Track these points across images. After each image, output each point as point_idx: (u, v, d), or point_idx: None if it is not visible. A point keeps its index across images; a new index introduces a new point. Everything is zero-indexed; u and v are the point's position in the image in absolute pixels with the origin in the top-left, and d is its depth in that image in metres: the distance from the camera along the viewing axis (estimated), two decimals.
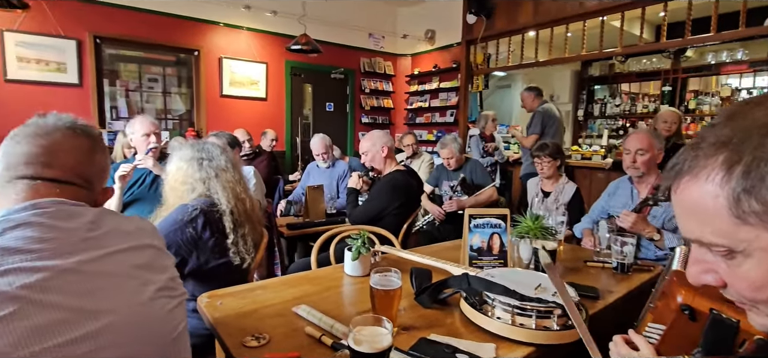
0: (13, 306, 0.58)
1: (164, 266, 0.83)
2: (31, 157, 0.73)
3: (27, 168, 0.72)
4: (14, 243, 0.63)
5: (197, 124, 5.08)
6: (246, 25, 5.11)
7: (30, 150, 0.73)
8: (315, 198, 2.79)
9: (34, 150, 0.73)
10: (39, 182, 0.72)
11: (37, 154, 0.73)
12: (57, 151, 0.75)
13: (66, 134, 0.78)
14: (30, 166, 0.73)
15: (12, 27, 3.77)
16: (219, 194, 1.40)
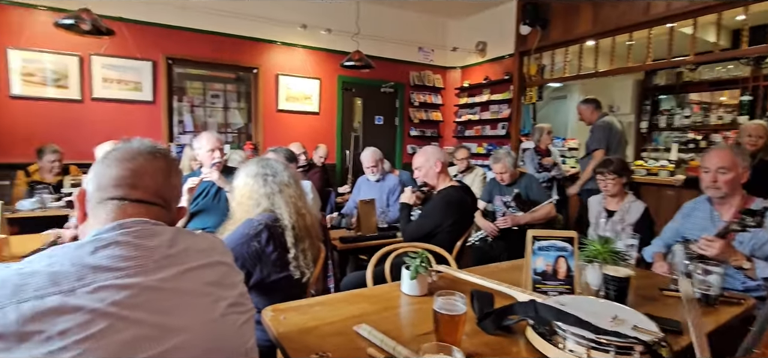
0: (106, 322, 0.62)
1: (234, 283, 0.86)
2: (120, 179, 0.78)
3: (116, 190, 0.77)
4: (105, 261, 0.67)
5: (254, 138, 5.33)
6: (301, 43, 5.33)
7: (119, 173, 0.78)
8: (367, 212, 2.82)
9: (122, 173, 0.78)
10: (126, 203, 0.77)
11: (125, 176, 0.78)
12: (142, 174, 0.80)
13: (148, 158, 0.83)
14: (119, 188, 0.77)
15: (99, 51, 4.20)
16: (282, 210, 1.46)
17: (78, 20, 2.88)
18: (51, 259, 0.65)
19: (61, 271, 0.63)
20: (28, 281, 0.61)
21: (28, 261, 0.66)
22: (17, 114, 3.98)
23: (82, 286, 0.63)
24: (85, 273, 0.64)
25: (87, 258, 0.66)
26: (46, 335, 0.58)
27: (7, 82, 3.90)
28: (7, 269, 0.63)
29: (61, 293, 0.61)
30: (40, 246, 1.96)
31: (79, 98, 4.20)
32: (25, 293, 0.60)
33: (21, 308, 0.59)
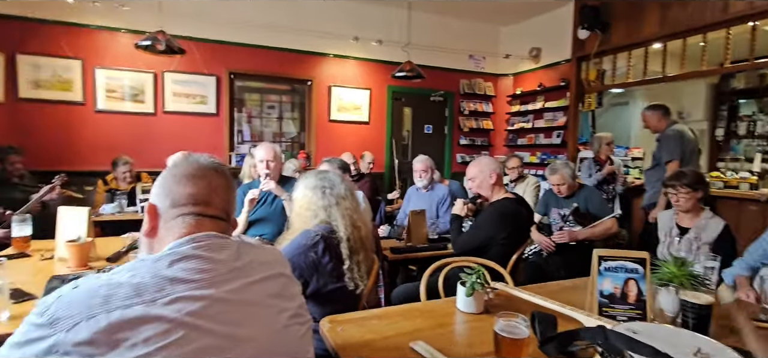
0: (182, 331, 0.66)
1: (294, 294, 0.89)
2: (193, 197, 0.81)
3: (190, 207, 0.81)
4: (180, 273, 0.71)
5: (307, 147, 5.52)
6: (353, 55, 5.46)
7: (192, 191, 0.82)
8: (417, 223, 2.81)
9: (195, 191, 0.82)
10: (200, 218, 0.81)
11: (198, 194, 0.82)
12: (212, 191, 0.84)
13: (216, 175, 0.86)
14: (193, 205, 0.81)
15: (170, 68, 4.57)
16: (338, 222, 1.49)
17: (154, 41, 3.16)
18: (133, 271, 0.70)
19: (143, 282, 0.68)
20: (115, 291, 0.66)
21: (114, 272, 0.71)
22: (100, 126, 4.42)
23: (161, 297, 0.67)
24: (164, 285, 0.69)
25: (164, 270, 0.70)
26: (131, 342, 0.63)
27: (93, 97, 4.35)
28: (98, 279, 0.69)
29: (143, 303, 0.65)
30: (120, 248, 2.16)
31: (152, 111, 4.58)
32: (113, 302, 0.64)
33: (110, 316, 0.63)
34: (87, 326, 0.62)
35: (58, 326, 0.62)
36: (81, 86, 4.29)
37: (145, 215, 0.83)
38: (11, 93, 4.03)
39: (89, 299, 0.64)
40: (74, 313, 0.63)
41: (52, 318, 0.62)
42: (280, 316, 0.81)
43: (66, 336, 0.61)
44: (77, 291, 0.66)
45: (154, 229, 0.82)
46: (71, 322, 0.62)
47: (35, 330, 0.63)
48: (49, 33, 4.13)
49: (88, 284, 0.67)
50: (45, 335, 0.62)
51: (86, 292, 0.65)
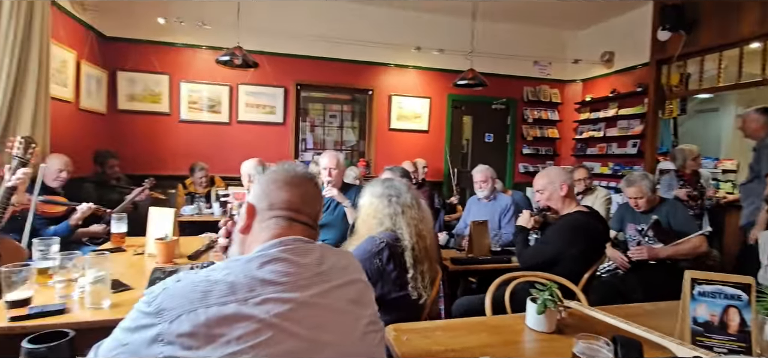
0: (271, 332, 0.69)
1: (370, 300, 0.90)
2: (290, 203, 0.87)
3: (285, 211, 0.86)
4: (269, 275, 0.74)
5: (367, 155, 5.62)
6: (413, 64, 5.50)
7: (289, 197, 0.87)
8: (480, 233, 2.74)
9: (292, 197, 0.87)
10: (291, 222, 0.86)
11: (294, 201, 0.87)
12: (307, 199, 0.89)
13: (309, 185, 0.92)
14: (290, 211, 0.86)
15: (244, 81, 4.92)
16: (403, 230, 1.50)
17: (232, 56, 3.42)
18: (228, 269, 0.74)
19: (236, 282, 0.71)
20: (213, 288, 0.69)
21: (211, 269, 0.76)
22: (182, 135, 4.84)
23: (253, 297, 0.70)
24: (255, 285, 0.72)
25: (255, 271, 0.74)
26: (226, 339, 0.66)
27: (178, 108, 4.79)
28: (197, 274, 0.73)
29: (236, 302, 0.69)
30: (199, 247, 2.34)
31: (227, 121, 4.95)
32: (210, 299, 0.68)
33: (208, 312, 0.67)
34: (188, 319, 0.66)
35: (163, 316, 0.66)
36: (168, 99, 4.75)
37: (243, 213, 0.88)
38: (111, 105, 4.56)
39: (190, 294, 0.68)
40: (177, 305, 0.67)
41: (159, 308, 0.67)
42: (359, 323, 0.82)
43: (170, 326, 0.65)
44: (179, 285, 0.70)
45: (249, 227, 0.87)
46: (175, 313, 0.66)
47: (143, 317, 0.68)
48: (143, 51, 4.63)
49: (189, 279, 0.72)
50: (151, 323, 0.67)
51: (187, 286, 0.70)
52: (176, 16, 4.48)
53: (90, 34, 4.13)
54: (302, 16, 5.00)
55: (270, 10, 4.85)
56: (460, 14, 5.16)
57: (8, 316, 1.34)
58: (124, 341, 0.69)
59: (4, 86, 2.54)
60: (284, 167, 0.94)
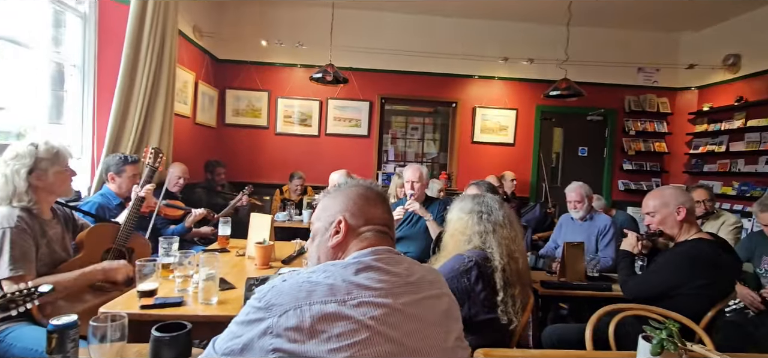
0: (367, 333, 0.73)
1: (458, 317, 0.92)
2: (381, 218, 0.94)
3: (377, 225, 0.93)
4: (364, 281, 0.79)
5: (449, 168, 5.55)
6: (500, 75, 5.32)
7: (380, 214, 0.94)
8: (574, 256, 2.52)
9: (382, 214, 0.95)
10: (382, 235, 0.92)
11: (383, 216, 0.95)
12: (389, 216, 0.97)
13: (386, 205, 0.99)
14: (380, 224, 0.93)
15: (333, 96, 5.20)
16: (494, 249, 1.43)
17: (325, 73, 3.64)
18: (326, 273, 0.80)
19: (336, 284, 0.77)
20: (315, 288, 0.76)
21: (311, 271, 0.82)
22: (277, 146, 5.26)
23: (350, 299, 0.75)
24: (352, 289, 0.77)
25: (352, 277, 0.79)
26: (327, 335, 0.71)
27: (275, 122, 5.22)
28: (300, 276, 0.80)
29: (336, 302, 0.74)
30: (291, 252, 2.50)
31: (316, 134, 5.26)
32: (313, 298, 0.74)
33: (311, 309, 0.73)
34: (294, 315, 0.72)
35: (272, 310, 0.73)
36: (266, 113, 5.20)
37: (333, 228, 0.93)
38: (220, 119, 5.13)
39: (296, 292, 0.75)
40: (284, 302, 0.74)
41: (268, 303, 0.75)
42: (449, 336, 0.84)
43: (278, 320, 0.72)
44: (286, 284, 0.77)
45: (345, 241, 0.92)
46: (282, 309, 0.73)
47: (255, 312, 0.75)
48: (247, 71, 5.14)
49: (294, 279, 0.79)
50: (262, 317, 0.74)
51: (293, 286, 0.77)
52: (277, 39, 4.91)
53: (206, 58, 4.71)
54: (389, 32, 5.14)
55: (359, 28, 5.08)
56: (552, 21, 4.90)
57: (139, 304, 1.56)
58: (238, 334, 0.76)
59: (140, 105, 3.00)
60: (368, 185, 1.00)
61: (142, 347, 1.19)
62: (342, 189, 0.99)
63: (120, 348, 1.06)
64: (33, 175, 1.72)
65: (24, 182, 1.70)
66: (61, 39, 2.92)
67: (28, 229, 1.69)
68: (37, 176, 1.73)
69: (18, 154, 1.72)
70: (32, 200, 1.73)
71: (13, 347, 1.57)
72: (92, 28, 2.99)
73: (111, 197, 2.54)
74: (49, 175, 1.75)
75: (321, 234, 0.95)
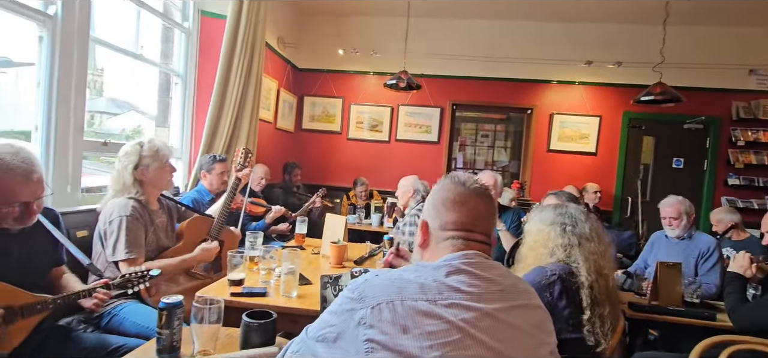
0: (459, 334, 0.72)
1: (551, 331, 0.87)
2: (460, 223, 0.89)
3: (459, 232, 0.89)
4: (455, 283, 0.78)
5: (521, 177, 5.32)
6: (581, 80, 5.00)
7: (459, 218, 0.90)
8: (669, 278, 2.27)
9: (463, 218, 0.90)
10: (467, 241, 0.89)
11: (464, 221, 0.90)
12: (478, 218, 0.91)
13: (481, 201, 0.92)
14: (461, 230, 0.89)
15: (404, 102, 5.26)
16: (579, 264, 1.34)
17: (398, 80, 3.69)
18: (418, 272, 0.80)
19: (426, 283, 0.77)
20: (406, 285, 0.77)
21: (402, 270, 0.84)
22: (348, 151, 5.43)
23: (442, 299, 0.75)
24: (443, 289, 0.76)
25: (442, 278, 0.79)
26: (419, 332, 0.71)
27: (347, 128, 5.41)
28: (391, 273, 0.82)
29: (427, 301, 0.74)
30: (363, 254, 2.56)
31: (386, 140, 5.35)
32: (405, 294, 0.75)
33: (404, 304, 0.74)
34: (387, 308, 0.73)
35: (365, 302, 0.75)
36: (340, 119, 5.41)
37: (418, 229, 0.95)
38: (298, 125, 5.44)
39: (388, 287, 0.76)
40: (377, 295, 0.75)
41: (361, 295, 0.77)
42: (541, 348, 0.81)
43: (372, 312, 0.74)
44: (378, 279, 0.79)
45: (426, 242, 0.93)
46: (375, 301, 0.75)
47: (349, 303, 0.78)
48: (323, 79, 5.39)
49: (386, 275, 0.81)
50: (355, 308, 0.76)
51: (385, 281, 0.78)
52: (353, 48, 5.10)
53: (287, 67, 5.03)
54: (462, 37, 5.09)
55: (432, 35, 5.09)
56: (645, 21, 4.49)
57: (229, 292, 1.70)
58: (331, 323, 0.80)
59: (231, 110, 3.28)
60: (454, 182, 0.95)
61: (231, 331, 1.29)
62: (434, 189, 0.98)
63: (216, 330, 1.16)
64: (137, 171, 1.97)
65: (130, 176, 1.95)
66: (169, 52, 3.31)
67: (140, 218, 1.92)
68: (140, 171, 1.97)
69: (127, 153, 1.98)
70: (139, 192, 1.97)
71: (126, 320, 1.79)
72: (194, 42, 3.35)
73: (204, 193, 2.80)
74: (151, 170, 1.98)
75: (417, 233, 0.97)
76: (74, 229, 2.09)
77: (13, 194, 1.30)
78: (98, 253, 1.88)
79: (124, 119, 3.53)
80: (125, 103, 3.62)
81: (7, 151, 1.30)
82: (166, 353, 1.11)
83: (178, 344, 1.14)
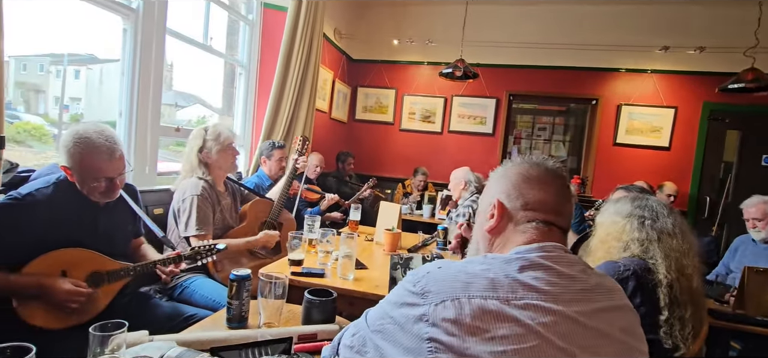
0: (536, 341, 0.63)
1: (642, 336, 0.76)
2: (547, 204, 0.79)
3: (545, 214, 0.79)
4: (530, 281, 0.68)
5: (583, 172, 5.02)
6: (654, 68, 4.60)
7: (546, 198, 0.79)
8: (758, 285, 2.04)
9: (549, 198, 0.79)
10: (550, 227, 0.78)
11: (551, 202, 0.79)
12: (560, 201, 0.80)
13: (563, 183, 0.83)
14: (548, 213, 0.79)
15: (458, 93, 5.14)
16: (658, 261, 1.23)
17: (455, 69, 3.62)
18: (484, 265, 0.70)
19: (497, 279, 0.67)
20: (473, 280, 0.67)
21: (467, 261, 0.74)
22: (400, 142, 5.42)
23: (515, 299, 0.65)
24: (516, 288, 0.67)
25: (515, 274, 0.68)
26: (490, 335, 0.62)
27: (399, 119, 5.40)
28: (455, 264, 0.72)
29: (498, 300, 0.65)
30: (416, 243, 2.55)
31: (439, 131, 5.27)
32: (472, 290, 0.66)
33: (471, 302, 0.65)
34: (452, 306, 0.65)
35: (428, 297, 0.67)
36: (392, 110, 5.41)
37: (487, 212, 0.84)
38: (351, 115, 5.51)
39: (452, 282, 0.68)
40: (441, 290, 0.67)
41: (424, 290, 0.68)
42: (632, 356, 0.71)
43: (435, 309, 0.65)
44: (441, 271, 0.70)
45: (500, 227, 0.82)
46: (439, 298, 0.66)
47: (409, 296, 0.70)
48: (377, 70, 5.42)
49: (449, 267, 0.71)
50: (417, 302, 0.68)
51: (449, 274, 0.69)
52: (408, 37, 5.06)
53: (343, 58, 5.11)
54: (521, 24, 4.86)
55: (490, 23, 4.90)
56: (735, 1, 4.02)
57: (290, 271, 1.76)
58: (390, 313, 0.72)
59: (290, 100, 3.39)
60: (534, 161, 0.84)
61: (293, 307, 1.34)
62: (507, 167, 0.87)
63: (281, 304, 1.21)
64: (202, 153, 2.10)
65: (195, 158, 2.08)
66: (234, 44, 3.48)
67: (209, 197, 2.05)
68: (204, 154, 2.10)
69: (193, 136, 2.12)
70: (206, 173, 2.10)
71: (195, 293, 1.92)
72: (257, 34, 3.49)
73: (264, 178, 2.93)
74: (213, 153, 2.10)
75: (480, 218, 0.87)
76: (151, 206, 2.27)
77: (100, 170, 1.44)
78: (172, 229, 2.02)
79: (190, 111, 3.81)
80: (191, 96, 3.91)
81: (93, 131, 1.43)
82: (235, 322, 1.17)
83: (246, 315, 1.20)
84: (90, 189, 1.46)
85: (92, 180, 1.44)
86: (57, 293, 1.32)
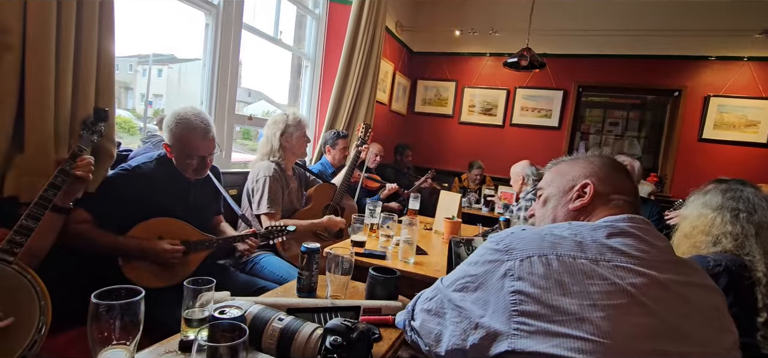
0: (625, 299, 0.64)
1: (732, 324, 0.74)
2: (630, 189, 0.86)
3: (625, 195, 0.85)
4: (619, 246, 0.70)
5: (662, 170, 4.62)
6: (749, 55, 4.11)
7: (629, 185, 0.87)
8: None
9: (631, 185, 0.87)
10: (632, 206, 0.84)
11: (632, 187, 0.86)
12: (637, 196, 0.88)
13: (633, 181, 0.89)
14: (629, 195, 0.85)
15: (522, 84, 4.95)
16: (755, 257, 1.12)
17: (521, 58, 3.49)
18: (572, 230, 0.74)
19: (584, 242, 0.70)
20: (561, 241, 0.71)
21: (552, 227, 0.77)
22: (459, 135, 5.34)
23: (603, 260, 0.68)
24: (604, 251, 0.69)
25: (603, 239, 0.71)
26: (579, 289, 0.65)
27: (459, 112, 5.31)
28: (540, 228, 0.77)
29: (587, 260, 0.67)
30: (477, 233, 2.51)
31: (500, 124, 5.11)
32: (560, 249, 0.69)
33: (560, 259, 0.68)
34: (540, 262, 0.68)
35: (513, 254, 0.71)
36: (452, 103, 5.34)
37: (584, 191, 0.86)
38: (410, 108, 5.53)
39: (539, 241, 0.71)
40: (527, 247, 0.71)
41: (508, 247, 0.72)
42: (724, 337, 0.70)
43: (521, 265, 0.69)
44: (526, 232, 0.75)
45: (591, 206, 0.85)
46: (525, 254, 0.70)
47: (493, 254, 0.74)
48: (437, 62, 5.37)
49: (534, 230, 0.75)
50: (500, 259, 0.72)
51: (535, 235, 0.73)
52: (471, 28, 4.94)
53: (403, 51, 5.13)
54: (594, 8, 4.54)
55: (559, 9, 4.64)
56: None
57: (352, 251, 1.82)
58: (471, 273, 0.76)
59: (352, 91, 3.48)
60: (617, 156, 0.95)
61: (356, 284, 1.39)
62: (581, 157, 0.93)
63: (347, 280, 1.27)
64: (283, 137, 2.22)
65: (278, 141, 2.21)
66: (301, 37, 3.63)
67: (279, 179, 2.18)
68: (285, 139, 2.22)
69: (275, 121, 2.25)
70: (281, 157, 2.23)
71: (265, 268, 2.06)
72: (322, 27, 3.62)
73: (327, 166, 3.04)
74: (293, 138, 2.23)
75: (557, 198, 0.90)
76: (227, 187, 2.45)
77: (195, 148, 1.60)
78: (245, 207, 2.18)
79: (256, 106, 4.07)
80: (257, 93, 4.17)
81: (191, 113, 1.59)
82: (305, 292, 1.25)
83: (315, 286, 1.27)
84: (185, 166, 1.62)
85: (187, 157, 1.61)
86: (159, 252, 1.50)
